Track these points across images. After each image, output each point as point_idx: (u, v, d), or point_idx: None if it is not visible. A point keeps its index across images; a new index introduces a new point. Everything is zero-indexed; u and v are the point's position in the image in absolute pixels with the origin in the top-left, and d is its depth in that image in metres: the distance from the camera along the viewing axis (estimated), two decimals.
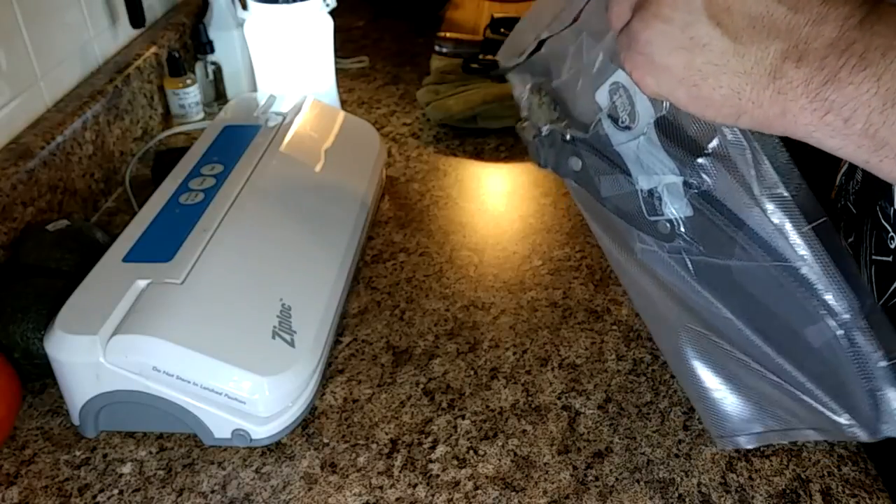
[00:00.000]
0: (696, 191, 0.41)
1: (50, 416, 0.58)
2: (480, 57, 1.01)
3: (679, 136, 0.40)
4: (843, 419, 0.44)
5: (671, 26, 0.33)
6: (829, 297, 0.40)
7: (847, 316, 0.40)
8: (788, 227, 0.39)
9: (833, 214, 0.68)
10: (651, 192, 0.43)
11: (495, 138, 0.93)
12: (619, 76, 0.42)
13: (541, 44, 0.49)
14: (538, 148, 0.48)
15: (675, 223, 0.43)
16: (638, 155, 0.43)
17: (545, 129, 0.47)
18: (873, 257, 0.59)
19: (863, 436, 0.44)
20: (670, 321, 0.48)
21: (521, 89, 0.50)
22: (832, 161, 0.38)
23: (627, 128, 0.42)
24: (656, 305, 0.48)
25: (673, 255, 0.44)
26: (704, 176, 0.40)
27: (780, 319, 0.42)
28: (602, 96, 0.44)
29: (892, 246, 0.56)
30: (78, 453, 0.55)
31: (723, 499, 0.49)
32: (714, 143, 0.39)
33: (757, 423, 0.47)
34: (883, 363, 0.40)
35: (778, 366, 0.45)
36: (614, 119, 0.43)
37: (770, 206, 0.39)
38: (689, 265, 0.44)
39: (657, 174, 0.42)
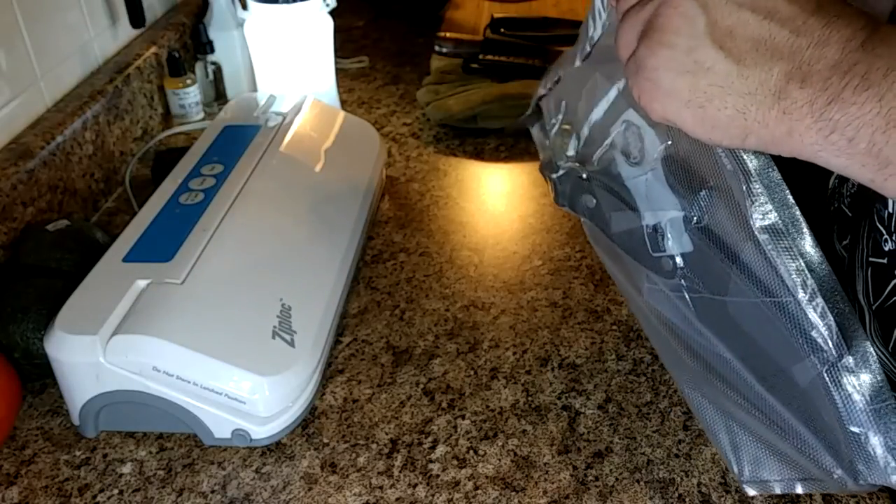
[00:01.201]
0: (696, 226, 0.41)
1: (50, 416, 0.58)
2: (480, 57, 1.01)
3: (683, 170, 0.41)
4: (830, 466, 0.43)
5: (676, 51, 0.34)
6: (815, 334, 0.39)
7: (833, 353, 0.39)
8: (779, 260, 0.39)
9: (826, 217, 0.68)
10: (655, 228, 0.43)
11: (495, 138, 0.93)
12: (630, 115, 0.43)
13: (556, 83, 0.49)
14: (556, 185, 0.49)
15: (676, 259, 0.43)
16: (646, 190, 0.43)
17: (563, 168, 0.48)
18: (869, 259, 0.59)
19: (850, 484, 0.42)
20: (682, 365, 0.48)
21: (538, 133, 0.51)
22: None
23: (637, 164, 0.43)
24: (669, 348, 0.49)
25: (675, 292, 0.45)
26: (704, 210, 0.41)
27: (770, 358, 0.42)
28: (615, 133, 0.44)
29: (888, 248, 0.56)
30: (78, 453, 0.55)
31: (723, 499, 0.49)
32: (714, 175, 0.39)
33: (764, 471, 0.47)
34: (865, 405, 0.40)
35: (771, 408, 0.45)
36: (626, 155, 0.43)
37: (763, 237, 0.39)
38: (690, 303, 0.44)
39: (662, 210, 0.43)
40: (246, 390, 0.52)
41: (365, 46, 1.20)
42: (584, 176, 0.47)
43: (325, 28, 0.90)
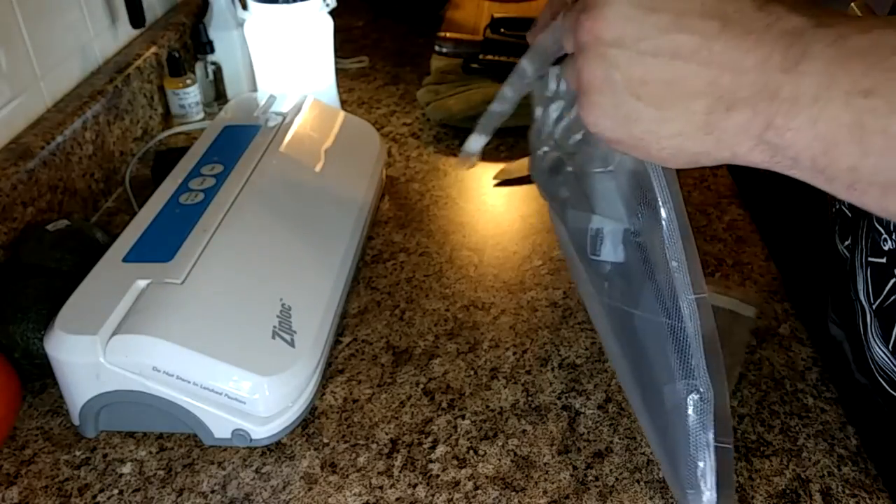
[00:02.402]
0: (634, 239, 0.43)
1: (50, 416, 0.58)
2: (480, 57, 1.01)
3: (639, 184, 0.42)
4: (674, 485, 0.47)
5: (605, 108, 0.35)
6: (693, 362, 0.42)
7: (703, 384, 0.42)
8: (680, 289, 0.41)
9: (828, 218, 0.68)
10: (597, 232, 0.45)
11: (495, 138, 0.92)
12: None
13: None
14: (537, 158, 0.50)
15: (608, 266, 0.45)
16: (603, 194, 0.45)
17: (548, 147, 0.48)
18: (869, 259, 0.59)
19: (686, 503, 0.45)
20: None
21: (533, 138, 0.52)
22: None
23: (607, 167, 0.44)
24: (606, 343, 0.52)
25: (599, 296, 0.47)
26: (641, 227, 0.43)
27: (653, 374, 0.45)
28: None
29: (887, 248, 0.56)
30: (78, 453, 0.55)
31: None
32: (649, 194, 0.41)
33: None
34: (711, 437, 0.43)
35: (648, 420, 0.48)
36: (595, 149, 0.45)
37: (674, 264, 0.41)
38: (607, 309, 0.47)
39: (609, 216, 0.44)
40: (246, 390, 0.52)
41: (365, 46, 1.20)
42: (568, 166, 0.47)
43: (325, 28, 0.90)
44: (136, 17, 0.88)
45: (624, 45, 0.32)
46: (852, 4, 0.48)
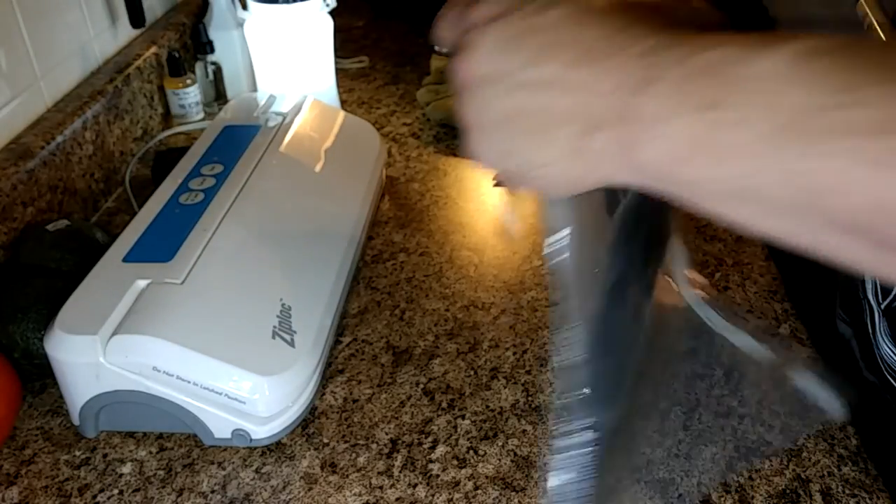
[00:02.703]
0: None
1: (50, 416, 0.58)
2: None
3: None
4: None
5: (486, 144, 0.36)
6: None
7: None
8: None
9: None
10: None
11: None
12: None
13: None
14: None
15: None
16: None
17: None
18: None
19: None
20: None
21: None
22: None
23: None
24: None
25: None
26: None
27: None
28: None
29: None
30: (78, 453, 0.55)
31: (723, 499, 0.49)
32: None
33: None
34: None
35: None
36: None
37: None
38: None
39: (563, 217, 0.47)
40: (246, 390, 0.52)
41: (365, 46, 1.20)
42: None
43: (325, 28, 0.90)
44: (136, 17, 0.88)
45: (494, 82, 0.34)
46: (862, 1, 0.49)
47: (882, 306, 0.60)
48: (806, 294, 0.68)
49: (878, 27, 0.45)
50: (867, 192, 0.25)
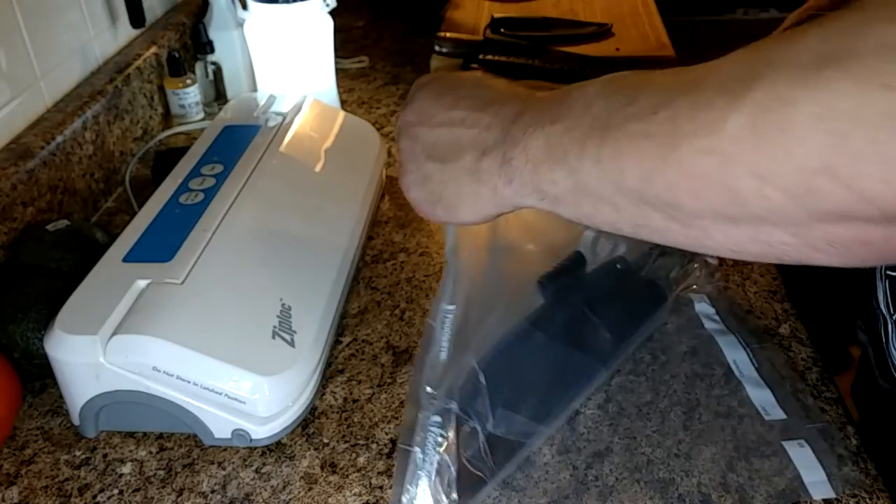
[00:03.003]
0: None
1: (50, 416, 0.58)
2: (480, 57, 1.01)
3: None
4: None
5: (411, 173, 0.48)
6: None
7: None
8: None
9: None
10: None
11: None
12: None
13: None
14: None
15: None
16: None
17: None
18: (887, 272, 0.61)
19: None
20: None
21: None
22: None
23: None
24: None
25: None
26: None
27: None
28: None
29: None
30: (78, 453, 0.55)
31: (723, 499, 0.49)
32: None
33: None
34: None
35: None
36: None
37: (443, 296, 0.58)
38: None
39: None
40: (246, 390, 0.52)
41: (365, 46, 1.20)
42: None
43: (325, 28, 0.90)
44: (136, 17, 0.88)
45: (422, 123, 0.47)
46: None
47: (893, 317, 0.61)
48: (802, 295, 0.69)
49: None
50: (646, 160, 0.34)
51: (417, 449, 0.50)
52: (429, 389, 0.52)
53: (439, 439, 0.50)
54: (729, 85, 0.30)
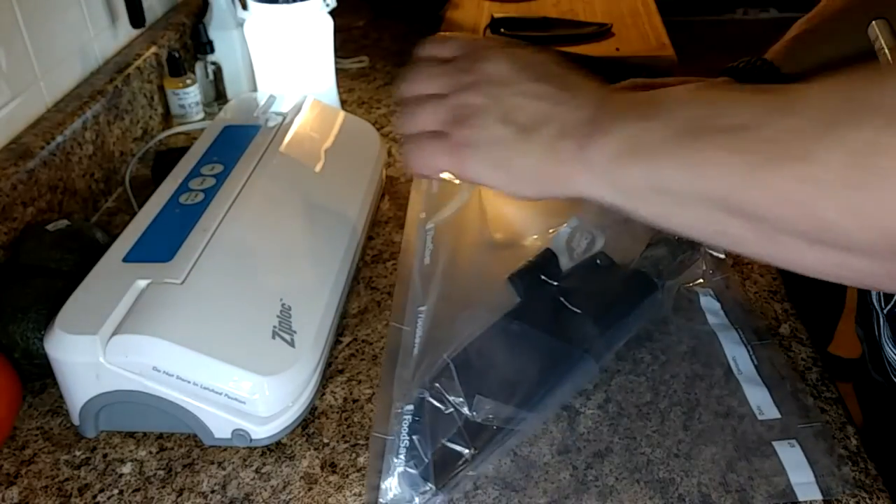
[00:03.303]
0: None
1: (50, 416, 0.58)
2: None
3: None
4: None
5: (478, 130, 0.45)
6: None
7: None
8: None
9: None
10: None
11: None
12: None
13: None
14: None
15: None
16: None
17: None
18: None
19: None
20: None
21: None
22: None
23: None
24: None
25: None
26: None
27: None
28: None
29: None
30: (78, 453, 0.55)
31: (723, 499, 0.49)
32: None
33: None
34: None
35: None
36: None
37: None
38: None
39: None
40: (246, 390, 0.52)
41: (365, 46, 1.20)
42: None
43: (325, 28, 0.90)
44: (136, 17, 0.88)
45: (504, 85, 0.45)
46: (873, 23, 0.51)
47: (885, 311, 0.61)
48: (802, 296, 0.69)
49: (887, 51, 0.47)
50: (734, 175, 0.34)
51: (392, 437, 0.50)
52: (401, 380, 0.53)
53: (414, 425, 0.50)
54: (824, 118, 0.31)
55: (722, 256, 0.67)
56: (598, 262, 0.63)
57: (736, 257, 0.71)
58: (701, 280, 0.65)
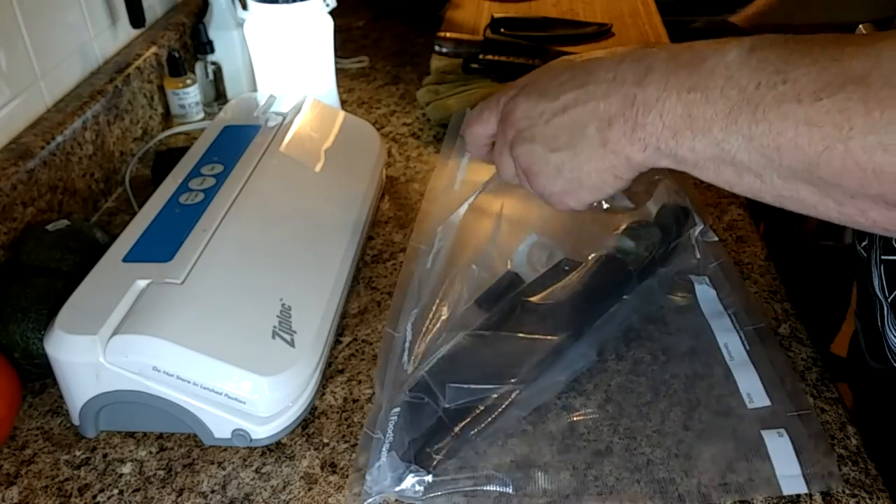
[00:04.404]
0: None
1: (50, 416, 0.58)
2: (480, 57, 1.01)
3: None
4: None
5: (541, 172, 0.47)
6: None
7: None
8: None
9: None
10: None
11: None
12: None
13: None
14: None
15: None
16: None
17: None
18: (882, 257, 0.62)
19: None
20: None
21: None
22: None
23: None
24: None
25: None
26: None
27: None
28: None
29: None
30: (78, 453, 0.55)
31: (723, 499, 0.49)
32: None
33: None
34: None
35: None
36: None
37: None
38: None
39: None
40: (246, 390, 0.52)
41: (365, 46, 1.20)
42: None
43: (325, 28, 0.90)
44: (136, 17, 0.88)
45: (533, 124, 0.46)
46: (860, 27, 0.51)
47: (889, 300, 0.62)
48: (802, 296, 0.70)
49: None
50: (810, 145, 0.34)
51: (379, 432, 0.51)
52: (389, 385, 0.55)
53: (399, 423, 0.52)
54: None
55: (715, 239, 0.66)
56: (566, 267, 0.63)
57: (736, 258, 0.71)
58: (697, 268, 0.65)
